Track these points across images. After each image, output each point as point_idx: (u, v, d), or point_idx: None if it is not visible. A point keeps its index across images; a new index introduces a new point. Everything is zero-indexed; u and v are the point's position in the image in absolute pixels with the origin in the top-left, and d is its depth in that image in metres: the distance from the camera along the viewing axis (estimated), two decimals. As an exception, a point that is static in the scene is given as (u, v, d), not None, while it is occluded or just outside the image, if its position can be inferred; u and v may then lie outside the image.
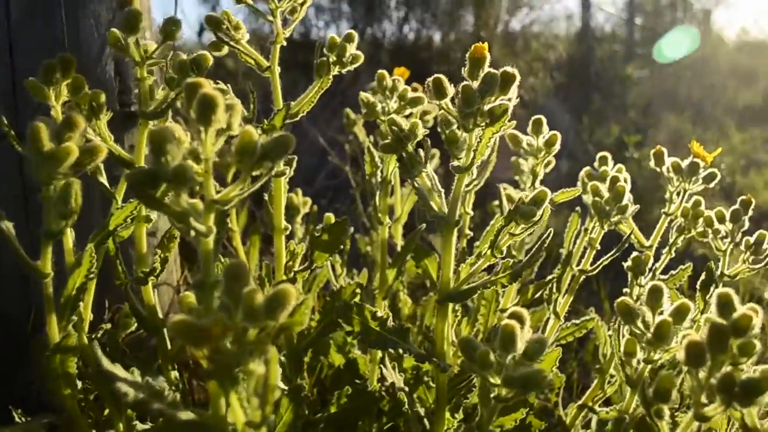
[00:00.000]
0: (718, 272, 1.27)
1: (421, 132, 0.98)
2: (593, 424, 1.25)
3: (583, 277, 1.23)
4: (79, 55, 1.09)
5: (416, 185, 0.96)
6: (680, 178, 1.27)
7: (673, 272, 1.35)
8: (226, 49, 1.04)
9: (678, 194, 1.30)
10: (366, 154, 1.20)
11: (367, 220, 1.40)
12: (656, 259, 1.31)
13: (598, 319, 1.35)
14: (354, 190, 1.72)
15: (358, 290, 1.20)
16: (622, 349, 0.86)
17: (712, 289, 1.26)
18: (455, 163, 0.91)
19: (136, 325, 1.08)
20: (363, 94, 1.19)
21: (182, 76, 0.88)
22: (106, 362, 0.65)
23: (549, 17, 5.00)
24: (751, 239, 1.27)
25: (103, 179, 0.97)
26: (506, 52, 4.80)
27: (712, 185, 1.29)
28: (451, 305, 0.95)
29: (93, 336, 0.97)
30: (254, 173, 0.59)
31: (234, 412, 0.56)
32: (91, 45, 1.17)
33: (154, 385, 0.62)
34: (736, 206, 1.27)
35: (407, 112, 1.20)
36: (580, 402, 1.29)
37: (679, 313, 0.82)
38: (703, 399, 0.69)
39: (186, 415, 0.59)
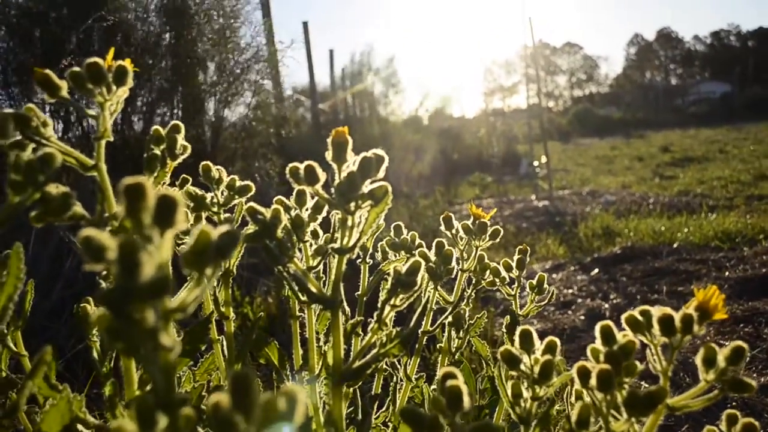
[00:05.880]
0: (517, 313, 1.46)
1: (285, 218, 0.98)
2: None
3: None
4: None
5: (290, 272, 0.95)
6: (471, 237, 1.44)
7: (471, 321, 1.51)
8: (30, 148, 0.91)
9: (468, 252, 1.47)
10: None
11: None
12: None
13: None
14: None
15: (204, 393, 1.11)
16: (509, 392, 0.95)
17: (517, 329, 1.45)
18: (335, 245, 0.93)
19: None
20: (190, 188, 1.13)
21: (29, 178, 0.75)
22: None
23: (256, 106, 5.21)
24: (534, 281, 1.50)
25: None
26: (226, 137, 4.87)
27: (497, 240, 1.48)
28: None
29: None
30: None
31: None
32: None
33: None
34: (520, 255, 1.49)
35: (235, 201, 1.17)
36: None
37: (550, 350, 0.94)
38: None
39: None
